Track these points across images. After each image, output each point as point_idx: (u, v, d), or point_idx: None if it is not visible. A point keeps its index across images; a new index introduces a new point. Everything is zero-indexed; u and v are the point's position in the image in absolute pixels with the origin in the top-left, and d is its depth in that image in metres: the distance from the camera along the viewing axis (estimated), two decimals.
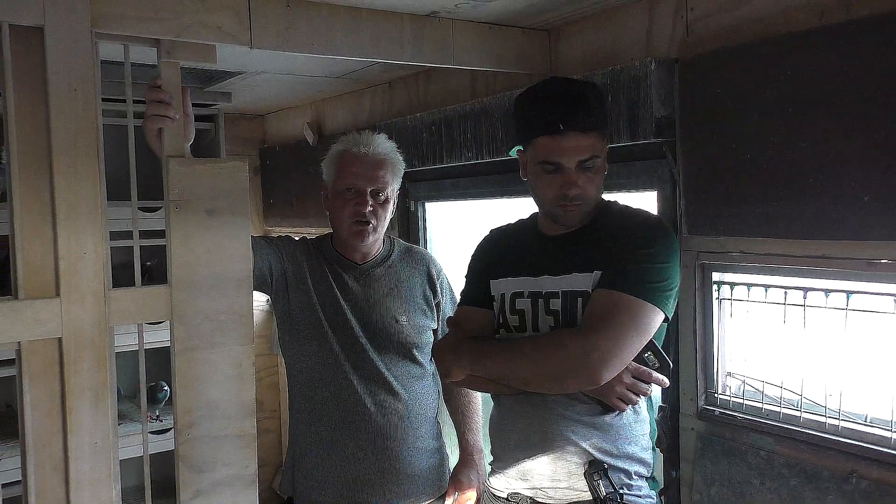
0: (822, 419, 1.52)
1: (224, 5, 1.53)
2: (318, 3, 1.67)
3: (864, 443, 1.44)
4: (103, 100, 1.38)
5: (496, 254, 1.63)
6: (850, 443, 1.45)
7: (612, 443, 1.44)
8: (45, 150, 1.33)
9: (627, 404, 1.41)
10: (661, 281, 1.38)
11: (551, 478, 1.45)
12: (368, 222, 1.81)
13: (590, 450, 1.43)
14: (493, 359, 1.47)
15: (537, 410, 1.47)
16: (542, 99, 1.45)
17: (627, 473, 1.45)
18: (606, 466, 1.42)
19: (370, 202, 1.81)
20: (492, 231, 1.70)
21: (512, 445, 1.51)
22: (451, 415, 2.04)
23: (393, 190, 1.86)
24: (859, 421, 1.49)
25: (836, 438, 1.48)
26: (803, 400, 1.56)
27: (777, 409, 1.60)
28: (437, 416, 1.97)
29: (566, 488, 1.44)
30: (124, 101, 1.46)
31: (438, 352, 1.61)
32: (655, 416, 1.56)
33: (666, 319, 1.41)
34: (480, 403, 2.04)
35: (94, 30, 1.36)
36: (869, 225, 1.32)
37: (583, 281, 1.42)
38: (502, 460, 1.54)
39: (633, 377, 1.39)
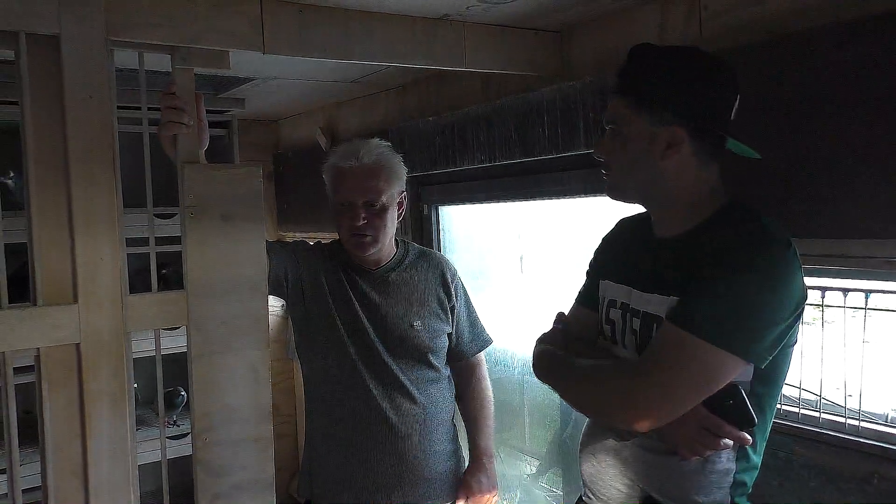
0: (842, 420, 1.51)
1: (237, 11, 1.54)
2: (330, 8, 1.68)
3: (886, 443, 1.43)
4: (118, 107, 1.40)
5: (609, 251, 1.48)
6: (871, 443, 1.44)
7: (674, 486, 1.25)
8: (62, 157, 1.34)
9: (693, 454, 1.20)
10: (744, 318, 1.13)
11: (607, 499, 1.36)
12: (365, 234, 1.81)
13: (647, 488, 1.27)
14: (556, 374, 1.38)
15: (604, 430, 1.35)
16: None
17: None
18: None
19: (363, 214, 1.80)
20: (618, 222, 1.51)
21: (585, 459, 1.42)
22: (464, 419, 2.03)
23: (391, 195, 1.84)
24: (880, 421, 1.47)
25: (857, 439, 1.46)
26: (822, 400, 1.55)
27: (795, 409, 1.58)
28: (452, 419, 1.97)
29: None
30: (139, 108, 1.47)
31: (535, 347, 1.47)
32: (755, 463, 1.28)
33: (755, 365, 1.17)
34: (493, 408, 2.03)
35: (109, 37, 1.37)
36: (888, 223, 1.30)
37: (660, 305, 1.22)
38: (581, 471, 1.44)
39: (702, 426, 1.17)
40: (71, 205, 1.34)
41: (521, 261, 2.68)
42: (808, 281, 1.55)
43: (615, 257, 1.44)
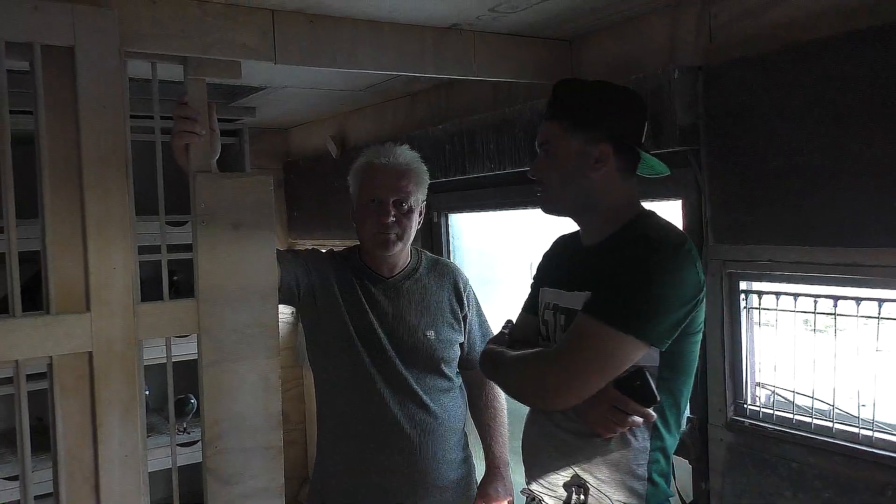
0: (855, 430, 1.49)
1: (249, 22, 1.55)
2: (340, 18, 1.68)
3: None
4: (131, 116, 1.41)
5: (547, 263, 1.66)
6: (885, 454, 1.42)
7: (597, 465, 1.40)
8: (76, 166, 1.35)
9: (608, 432, 1.36)
10: (641, 305, 1.30)
11: (548, 484, 1.47)
12: (391, 232, 1.82)
13: (575, 467, 1.42)
14: (495, 368, 1.54)
15: (541, 421, 1.50)
16: None
17: (610, 501, 1.40)
18: (588, 487, 1.39)
19: (393, 212, 1.81)
20: (556, 239, 1.70)
21: (526, 447, 1.56)
22: (478, 428, 2.03)
23: (417, 200, 1.86)
24: (894, 432, 1.46)
25: (870, 450, 1.45)
26: (835, 410, 1.54)
27: (808, 419, 1.57)
28: (464, 428, 1.97)
29: (558, 497, 1.44)
30: (152, 117, 1.48)
31: (482, 350, 1.68)
32: (669, 444, 1.43)
33: (658, 348, 1.33)
34: (506, 416, 2.03)
35: (123, 48, 1.38)
36: None
37: (579, 300, 1.39)
38: (523, 462, 1.58)
39: (613, 405, 1.32)
40: (84, 213, 1.35)
41: (530, 268, 2.68)
42: (821, 290, 1.56)
43: (552, 267, 1.63)
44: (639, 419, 1.34)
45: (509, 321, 1.66)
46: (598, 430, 1.37)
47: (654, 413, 1.35)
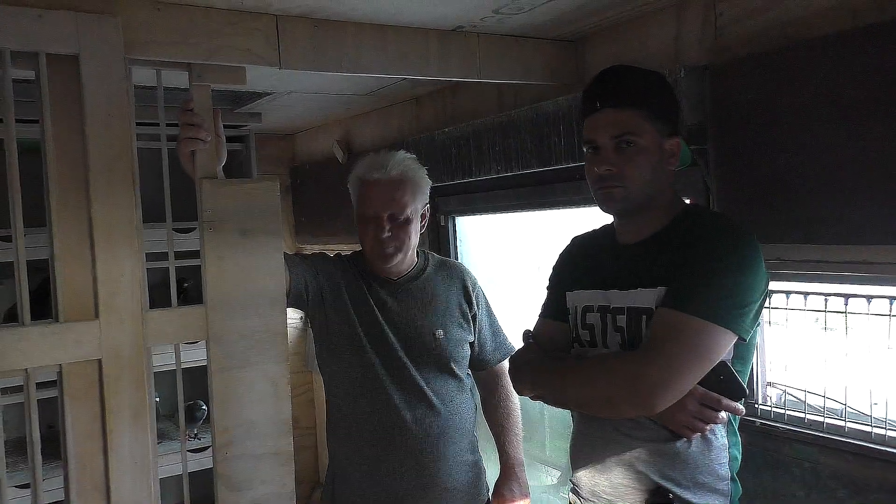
0: (868, 429, 1.48)
1: (253, 27, 1.56)
2: (344, 23, 1.69)
3: None
4: (137, 123, 1.41)
5: (572, 264, 1.57)
6: None
7: (680, 471, 1.32)
8: (82, 174, 1.35)
9: (695, 432, 1.30)
10: (730, 297, 1.25)
11: (617, 500, 1.38)
12: (389, 246, 1.82)
13: (654, 477, 1.33)
14: (549, 379, 1.43)
15: (605, 431, 1.40)
16: (588, 83, 1.42)
17: None
18: (672, 496, 1.31)
19: (387, 227, 1.81)
20: (572, 239, 1.62)
21: (582, 463, 1.46)
22: (491, 428, 2.03)
23: (415, 209, 1.85)
24: None
25: (884, 448, 1.44)
26: (847, 409, 1.53)
27: (820, 418, 1.56)
28: (474, 430, 1.96)
29: None
30: (158, 124, 1.49)
31: (510, 367, 1.57)
32: (737, 439, 1.39)
33: (742, 340, 1.28)
34: (520, 416, 2.03)
35: (128, 56, 1.39)
36: None
37: (647, 297, 1.32)
38: (576, 477, 1.49)
39: (701, 403, 1.27)
40: (91, 221, 1.36)
41: (538, 271, 2.68)
42: (832, 288, 1.55)
43: (581, 268, 1.52)
44: (725, 415, 1.29)
45: (528, 331, 1.57)
46: (682, 432, 1.30)
47: (742, 407, 1.30)
